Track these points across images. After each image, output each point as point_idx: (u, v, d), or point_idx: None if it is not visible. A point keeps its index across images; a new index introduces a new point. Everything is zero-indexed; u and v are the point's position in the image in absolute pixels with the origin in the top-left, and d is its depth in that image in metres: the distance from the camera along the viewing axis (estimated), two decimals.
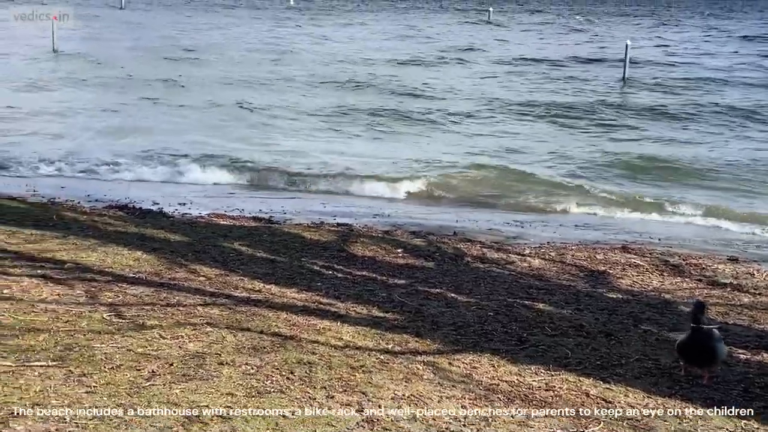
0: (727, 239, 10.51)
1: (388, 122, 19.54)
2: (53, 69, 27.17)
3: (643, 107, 21.90)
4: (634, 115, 20.95)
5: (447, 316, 6.27)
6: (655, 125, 19.64)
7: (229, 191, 12.79)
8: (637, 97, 23.91)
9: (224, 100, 21.63)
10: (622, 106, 22.36)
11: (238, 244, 8.27)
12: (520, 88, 25.35)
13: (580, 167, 14.96)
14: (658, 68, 30.24)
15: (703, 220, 11.58)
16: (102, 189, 12.02)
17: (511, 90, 24.93)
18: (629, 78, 26.81)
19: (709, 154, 16.15)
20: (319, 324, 5.86)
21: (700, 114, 21.01)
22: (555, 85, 25.97)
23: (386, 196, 12.86)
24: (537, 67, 30.56)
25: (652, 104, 22.35)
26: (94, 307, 5.77)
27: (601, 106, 21.88)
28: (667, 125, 19.70)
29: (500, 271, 7.88)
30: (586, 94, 24.14)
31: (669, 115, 21.03)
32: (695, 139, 18.14)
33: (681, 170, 14.71)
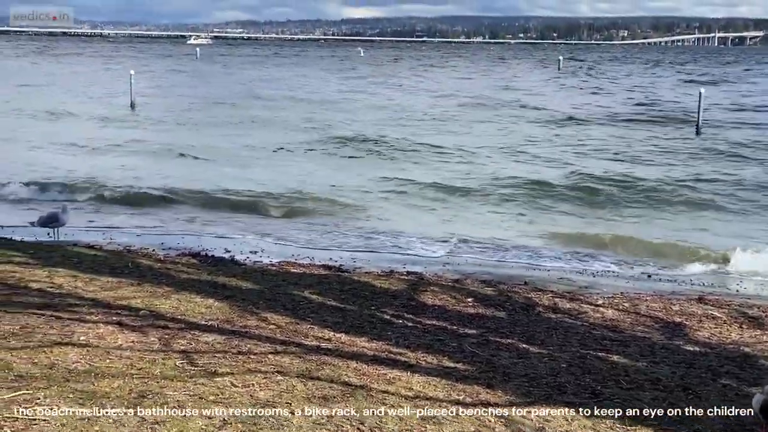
0: None
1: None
2: (131, 127, 28.06)
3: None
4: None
5: (519, 367, 6.17)
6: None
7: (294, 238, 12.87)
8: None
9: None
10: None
11: (308, 292, 8.31)
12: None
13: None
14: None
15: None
16: (175, 236, 12.26)
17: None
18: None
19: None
20: (389, 374, 5.82)
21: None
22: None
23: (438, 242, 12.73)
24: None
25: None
26: (168, 354, 5.84)
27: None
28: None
29: (573, 322, 7.73)
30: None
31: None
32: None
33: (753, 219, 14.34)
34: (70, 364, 5.41)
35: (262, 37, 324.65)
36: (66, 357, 5.53)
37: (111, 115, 30.38)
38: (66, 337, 5.99)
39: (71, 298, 7.25)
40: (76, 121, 28.57)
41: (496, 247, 12.41)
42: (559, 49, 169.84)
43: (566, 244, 12.45)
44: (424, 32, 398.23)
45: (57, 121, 28.29)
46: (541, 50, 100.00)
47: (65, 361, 5.44)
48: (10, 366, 5.26)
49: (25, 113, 29.90)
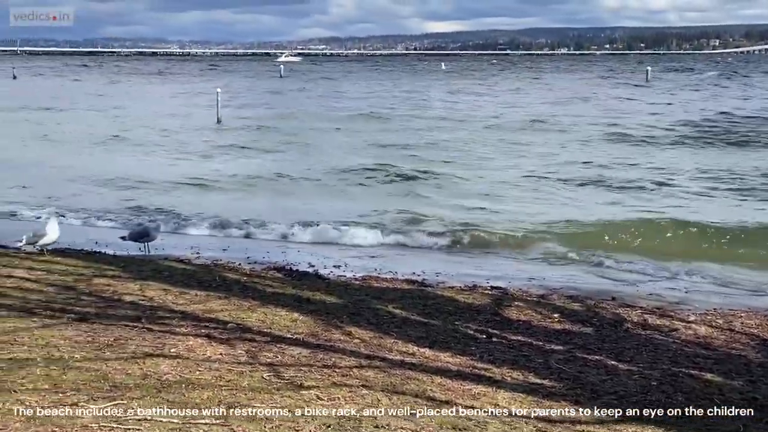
0: None
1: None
2: (220, 139, 28.77)
3: None
4: None
5: (607, 385, 6.05)
6: None
7: (380, 253, 12.91)
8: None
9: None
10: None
11: (391, 306, 8.33)
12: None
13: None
14: None
15: None
16: (260, 250, 12.45)
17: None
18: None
19: None
20: (474, 389, 5.78)
21: None
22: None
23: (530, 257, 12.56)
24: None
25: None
26: (255, 367, 5.93)
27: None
28: None
29: (663, 338, 7.54)
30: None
31: None
32: None
33: None
34: (161, 375, 5.54)
35: (344, 53, 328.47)
36: (158, 368, 5.67)
37: (199, 130, 31.27)
38: (158, 348, 6.15)
39: (162, 311, 7.44)
40: (173, 136, 29.46)
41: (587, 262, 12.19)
42: (647, 58, 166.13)
43: (656, 260, 12.12)
44: (507, 45, 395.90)
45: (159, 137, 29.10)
46: (636, 61, 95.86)
47: (157, 372, 5.58)
48: (105, 376, 5.42)
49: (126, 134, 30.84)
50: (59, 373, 5.40)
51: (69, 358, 5.76)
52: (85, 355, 5.86)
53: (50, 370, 5.45)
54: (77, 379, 5.32)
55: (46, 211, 15.03)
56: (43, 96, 47.20)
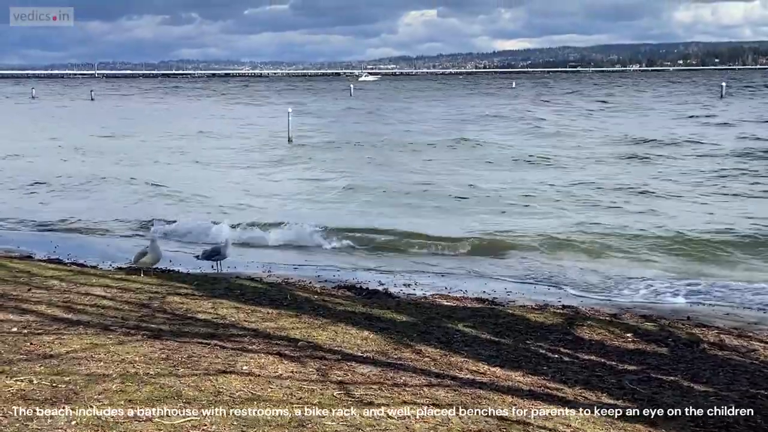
0: None
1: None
2: (290, 156, 29.22)
3: None
4: None
5: (683, 406, 5.90)
6: None
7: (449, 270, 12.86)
8: None
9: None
10: None
11: (461, 325, 8.29)
12: None
13: None
14: None
15: None
16: (330, 270, 12.55)
17: None
18: None
19: None
20: (545, 409, 5.71)
21: None
22: None
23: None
24: None
25: None
26: (325, 385, 5.97)
27: None
28: None
29: (741, 359, 7.33)
30: None
31: None
32: None
33: None
34: (233, 391, 5.62)
35: (414, 72, 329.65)
36: (230, 385, 5.75)
37: (270, 149, 31.80)
38: (230, 366, 6.24)
39: (234, 329, 7.55)
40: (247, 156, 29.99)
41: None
42: (725, 74, 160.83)
43: (733, 278, 11.81)
44: (577, 62, 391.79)
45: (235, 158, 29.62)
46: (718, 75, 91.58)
47: (229, 389, 5.66)
48: (179, 393, 5.52)
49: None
50: (134, 389, 5.53)
51: (144, 374, 5.90)
52: (159, 371, 5.99)
53: (125, 385, 5.59)
54: (151, 395, 5.43)
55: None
56: (150, 120, 48.19)
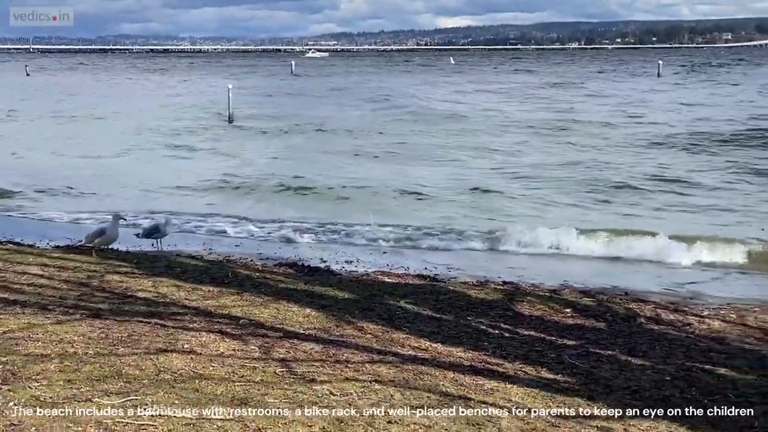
0: None
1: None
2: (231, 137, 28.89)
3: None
4: None
5: (620, 380, 6.03)
6: None
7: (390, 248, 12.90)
8: None
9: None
10: None
11: (403, 301, 8.33)
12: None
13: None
14: None
15: None
16: (272, 247, 12.48)
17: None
18: None
19: None
20: (486, 384, 5.78)
21: None
22: None
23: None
24: None
25: None
26: (267, 363, 5.94)
27: None
28: None
29: (677, 334, 7.52)
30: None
31: None
32: None
33: None
34: (175, 370, 5.56)
35: (355, 48, 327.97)
36: (171, 363, 5.69)
37: (210, 126, 31.38)
38: (171, 344, 6.17)
39: (175, 307, 7.46)
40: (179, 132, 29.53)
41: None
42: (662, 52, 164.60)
43: (669, 255, 12.06)
44: (518, 40, 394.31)
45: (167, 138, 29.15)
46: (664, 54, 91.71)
47: (170, 368, 5.60)
48: (119, 372, 5.44)
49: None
50: (73, 369, 5.43)
51: (83, 353, 5.79)
52: (99, 350, 5.89)
53: (64, 365, 5.48)
54: (91, 374, 5.35)
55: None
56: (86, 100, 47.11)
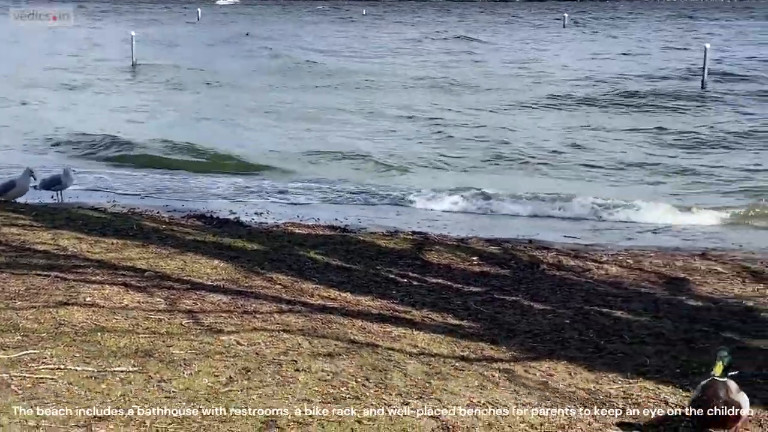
0: None
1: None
2: (137, 80, 28.12)
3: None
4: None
5: (523, 324, 6.21)
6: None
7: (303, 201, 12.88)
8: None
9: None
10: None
11: (313, 252, 8.34)
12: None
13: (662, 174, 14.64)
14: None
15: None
16: (180, 198, 12.28)
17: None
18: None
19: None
20: (394, 331, 5.86)
21: None
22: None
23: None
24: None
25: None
26: (173, 314, 5.88)
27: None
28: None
29: (577, 279, 7.76)
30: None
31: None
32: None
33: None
34: (75, 323, 5.45)
35: None
36: (72, 317, 5.57)
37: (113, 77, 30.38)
38: (71, 297, 6.03)
39: (76, 260, 7.28)
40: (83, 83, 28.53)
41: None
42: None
43: (569, 202, 12.38)
44: None
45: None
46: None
47: (71, 321, 5.49)
48: (16, 326, 5.30)
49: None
50: None
51: None
52: None
53: None
54: None
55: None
56: None
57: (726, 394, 4.00)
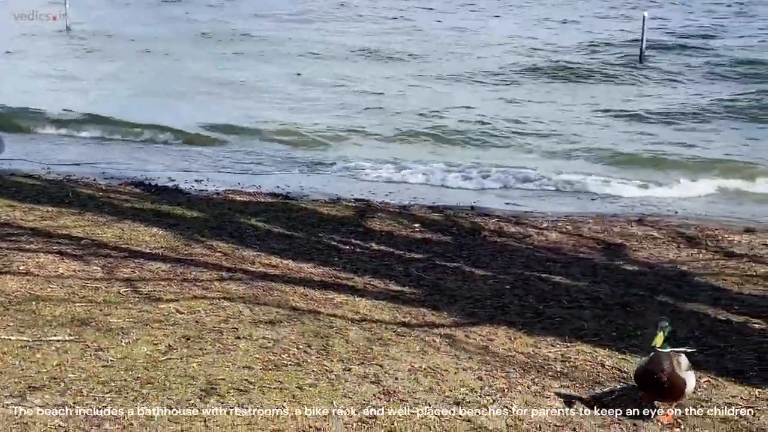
0: (743, 210, 10.37)
1: None
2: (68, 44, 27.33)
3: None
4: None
5: (464, 290, 6.26)
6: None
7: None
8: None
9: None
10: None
11: (254, 220, 8.27)
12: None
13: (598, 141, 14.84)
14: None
15: (720, 192, 11.41)
16: (117, 166, 12.06)
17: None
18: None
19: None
20: (336, 298, 5.86)
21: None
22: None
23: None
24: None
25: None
26: (111, 283, 5.80)
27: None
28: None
29: (517, 245, 7.85)
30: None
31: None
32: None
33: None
34: (9, 292, 5.34)
35: None
36: (5, 285, 5.45)
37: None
38: (4, 266, 5.90)
39: (9, 228, 7.10)
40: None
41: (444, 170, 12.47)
42: None
43: (508, 171, 12.48)
44: None
45: None
46: None
47: (4, 290, 5.37)
48: None
49: None
50: None
51: None
52: None
53: None
54: None
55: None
56: None
57: (671, 367, 3.96)
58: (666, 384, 3.96)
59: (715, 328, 5.48)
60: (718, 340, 5.22)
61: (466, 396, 4.23)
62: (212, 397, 4.05)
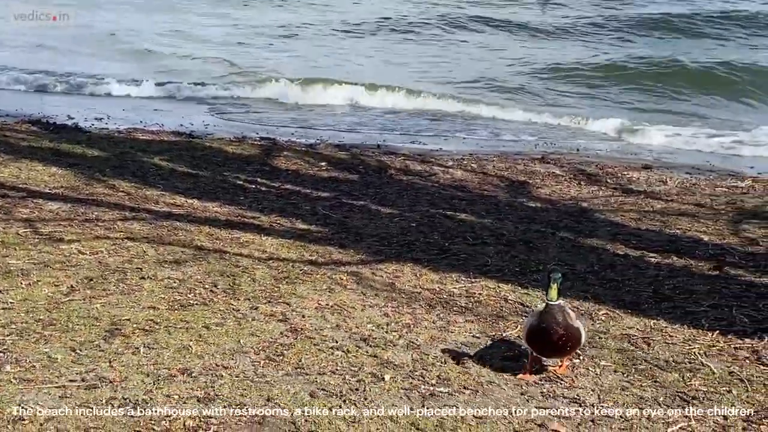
0: (642, 148, 10.71)
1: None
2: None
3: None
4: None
5: (370, 228, 6.31)
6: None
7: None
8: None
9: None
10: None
11: (158, 158, 8.12)
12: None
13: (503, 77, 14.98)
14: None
15: (619, 129, 11.74)
16: (13, 102, 11.60)
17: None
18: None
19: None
20: (242, 237, 5.84)
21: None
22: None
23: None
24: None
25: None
26: (9, 224, 5.62)
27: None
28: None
29: (423, 183, 7.94)
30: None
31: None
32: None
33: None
34: None
35: None
36: None
37: None
38: None
39: None
40: None
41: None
42: None
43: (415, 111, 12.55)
44: None
45: None
46: None
47: None
48: None
49: None
50: None
51: None
52: None
53: None
54: None
55: None
56: None
57: (564, 320, 3.79)
58: (564, 337, 3.78)
59: (614, 262, 5.68)
60: (616, 274, 5.41)
61: (372, 332, 4.30)
62: (117, 338, 4.01)
